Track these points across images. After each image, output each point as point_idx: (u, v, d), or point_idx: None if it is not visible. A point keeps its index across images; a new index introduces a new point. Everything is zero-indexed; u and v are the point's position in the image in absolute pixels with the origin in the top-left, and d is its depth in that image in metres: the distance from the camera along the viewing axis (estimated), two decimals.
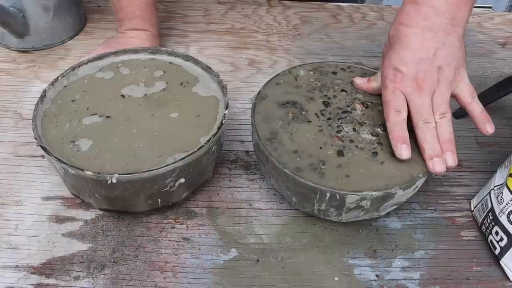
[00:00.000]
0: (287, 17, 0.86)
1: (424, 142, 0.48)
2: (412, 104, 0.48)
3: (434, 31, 0.48)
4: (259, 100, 0.55)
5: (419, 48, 0.48)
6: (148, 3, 0.72)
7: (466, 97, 0.49)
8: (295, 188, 0.48)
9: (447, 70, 0.48)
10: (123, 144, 0.51)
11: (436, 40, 0.48)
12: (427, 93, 0.48)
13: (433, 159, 0.47)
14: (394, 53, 0.50)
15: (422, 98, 0.48)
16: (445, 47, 0.49)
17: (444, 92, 0.48)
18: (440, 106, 0.48)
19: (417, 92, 0.48)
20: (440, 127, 0.48)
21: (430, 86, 0.48)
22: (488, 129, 0.49)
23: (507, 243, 0.48)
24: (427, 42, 0.48)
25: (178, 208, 0.55)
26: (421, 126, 0.48)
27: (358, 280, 0.49)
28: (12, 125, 0.64)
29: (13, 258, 0.50)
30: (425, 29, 0.49)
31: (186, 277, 0.49)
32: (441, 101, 0.48)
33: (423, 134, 0.48)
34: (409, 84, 0.48)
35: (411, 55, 0.49)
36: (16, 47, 0.76)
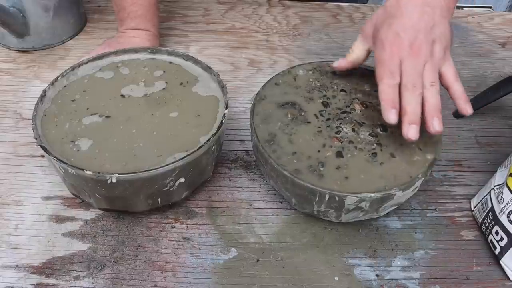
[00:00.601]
0: (287, 17, 0.86)
1: (408, 104, 0.48)
2: (405, 67, 0.49)
3: (432, 8, 0.50)
4: (258, 101, 0.55)
5: (418, 19, 0.50)
6: (151, 3, 0.72)
7: (452, 76, 0.50)
8: (294, 189, 0.48)
9: (439, 46, 0.49)
10: (123, 144, 0.51)
11: (434, 16, 0.50)
12: (421, 60, 0.49)
13: (411, 124, 0.47)
14: (395, 19, 0.51)
15: (415, 63, 0.49)
16: (440, 25, 0.50)
17: (436, 64, 0.49)
18: (431, 75, 0.49)
19: (412, 58, 0.49)
20: (429, 93, 0.48)
21: (424, 56, 0.49)
22: (468, 109, 0.50)
23: (507, 242, 0.48)
24: (426, 16, 0.50)
25: (178, 207, 0.55)
26: (409, 87, 0.48)
27: (358, 279, 0.49)
28: (12, 125, 0.64)
29: (13, 258, 0.50)
30: (425, 5, 0.50)
31: (186, 277, 0.49)
32: (432, 71, 0.49)
33: (409, 96, 0.48)
34: (406, 50, 0.49)
35: (411, 23, 0.50)
36: (16, 47, 0.76)
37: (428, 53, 0.49)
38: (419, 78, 0.48)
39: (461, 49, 0.80)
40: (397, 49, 0.49)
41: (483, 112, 0.67)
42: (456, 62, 0.76)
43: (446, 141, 0.63)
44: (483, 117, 0.67)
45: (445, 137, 0.63)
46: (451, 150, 0.63)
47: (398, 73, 0.49)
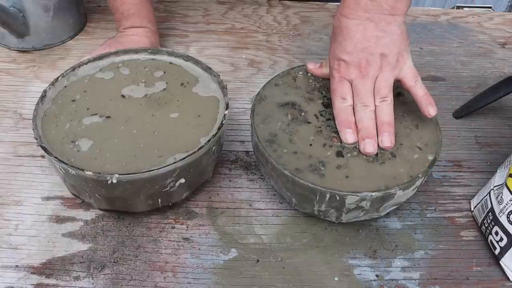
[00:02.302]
0: (287, 17, 0.86)
1: (359, 123, 0.50)
2: (355, 89, 0.51)
3: (375, 21, 0.50)
4: (258, 101, 0.55)
5: (361, 38, 0.50)
6: (142, 0, 0.72)
7: (410, 80, 0.51)
8: (294, 189, 0.48)
9: (390, 56, 0.50)
10: (123, 144, 0.51)
11: (377, 29, 0.50)
12: (370, 79, 0.50)
13: (365, 140, 0.49)
14: (338, 44, 0.52)
15: (363, 84, 0.50)
16: (386, 35, 0.50)
17: (387, 77, 0.50)
18: (381, 90, 0.50)
19: (360, 78, 0.50)
20: (379, 110, 0.50)
21: (373, 73, 0.50)
22: (431, 111, 0.50)
23: (507, 243, 0.48)
24: (368, 32, 0.50)
25: (178, 208, 0.55)
26: (359, 108, 0.50)
27: (358, 280, 0.49)
28: (12, 125, 0.64)
29: (13, 258, 0.50)
30: (366, 20, 0.51)
31: (186, 277, 0.49)
32: (382, 86, 0.50)
33: (359, 115, 0.50)
34: (353, 72, 0.51)
35: (353, 45, 0.51)
36: (16, 47, 0.76)
37: (376, 68, 0.50)
38: (369, 97, 0.50)
39: (461, 49, 0.80)
40: (344, 74, 0.51)
41: (483, 112, 0.67)
42: (456, 62, 0.77)
43: (446, 141, 0.63)
44: (483, 117, 0.67)
45: (445, 137, 0.63)
46: (451, 150, 0.63)
47: (350, 95, 0.51)
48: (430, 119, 0.53)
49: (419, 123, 0.53)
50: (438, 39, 0.82)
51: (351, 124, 0.50)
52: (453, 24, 0.86)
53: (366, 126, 0.50)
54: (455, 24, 0.86)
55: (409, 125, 0.53)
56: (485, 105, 0.66)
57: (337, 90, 0.52)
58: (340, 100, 0.51)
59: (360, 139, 0.50)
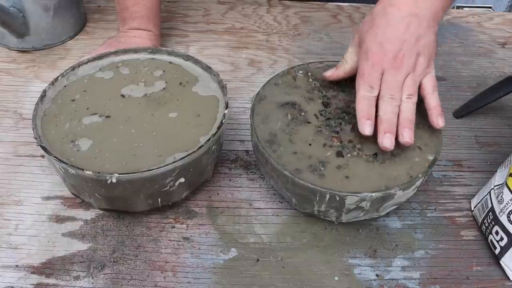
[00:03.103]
0: (287, 17, 0.86)
1: (384, 114, 0.49)
2: (386, 78, 0.50)
3: (419, 19, 0.50)
4: (258, 101, 0.55)
5: (404, 30, 0.50)
6: (154, 4, 0.72)
7: (429, 88, 0.51)
8: (294, 189, 0.48)
9: (423, 58, 0.50)
10: (123, 144, 0.51)
11: (420, 28, 0.50)
12: (403, 73, 0.49)
13: (386, 133, 0.48)
14: (380, 29, 0.51)
15: (396, 76, 0.49)
16: (426, 37, 0.50)
17: (417, 77, 0.50)
18: (410, 88, 0.49)
19: (394, 69, 0.49)
20: (404, 106, 0.49)
21: (406, 68, 0.49)
22: (440, 122, 0.51)
23: (507, 242, 0.48)
24: (411, 29, 0.50)
25: (178, 207, 0.55)
26: (386, 99, 0.49)
27: (358, 279, 0.49)
28: (12, 125, 0.64)
29: (13, 258, 0.50)
30: (411, 15, 0.50)
31: (186, 277, 0.49)
32: (411, 84, 0.50)
33: (385, 106, 0.49)
34: (388, 61, 0.50)
35: (397, 35, 0.50)
36: (16, 47, 0.76)
37: (411, 65, 0.50)
38: (398, 91, 0.49)
39: (461, 49, 0.80)
40: (380, 60, 0.50)
41: (483, 112, 0.67)
42: (456, 62, 0.77)
43: (446, 141, 0.63)
44: (483, 117, 0.67)
45: (445, 137, 0.63)
46: (451, 150, 0.63)
47: (378, 85, 0.50)
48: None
49: (419, 123, 0.53)
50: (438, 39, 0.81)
51: (371, 117, 0.49)
52: (453, 24, 0.86)
53: (389, 119, 0.48)
54: (455, 24, 0.86)
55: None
56: (485, 105, 0.66)
57: (367, 76, 0.50)
58: (367, 88, 0.49)
59: (381, 132, 0.48)
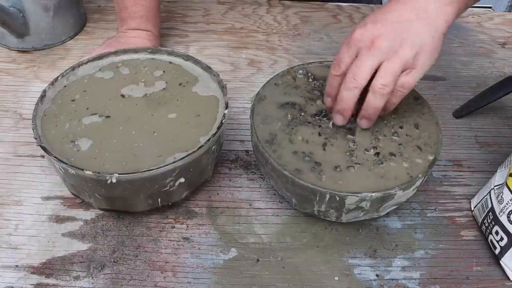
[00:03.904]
0: (287, 17, 0.86)
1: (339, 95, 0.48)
2: (356, 59, 0.47)
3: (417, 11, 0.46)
4: (258, 101, 0.55)
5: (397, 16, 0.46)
6: (153, 4, 0.72)
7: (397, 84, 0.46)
8: (294, 189, 0.48)
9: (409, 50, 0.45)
10: (123, 144, 0.51)
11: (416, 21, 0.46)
12: (377, 56, 0.45)
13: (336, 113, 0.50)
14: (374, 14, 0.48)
15: (368, 57, 0.46)
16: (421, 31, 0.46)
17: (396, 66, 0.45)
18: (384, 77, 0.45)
19: (368, 49, 0.46)
20: (371, 96, 0.47)
21: (383, 52, 0.45)
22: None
23: (507, 242, 0.48)
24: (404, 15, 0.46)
25: (178, 207, 0.55)
26: (347, 79, 0.47)
27: (358, 279, 0.49)
28: (12, 125, 0.64)
29: (13, 258, 0.50)
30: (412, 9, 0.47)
31: (186, 277, 0.49)
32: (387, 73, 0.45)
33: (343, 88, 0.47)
34: (365, 41, 0.46)
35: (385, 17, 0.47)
36: (16, 47, 0.76)
37: (389, 51, 0.45)
38: (363, 73, 0.46)
39: (461, 49, 0.80)
40: (357, 39, 0.47)
41: (483, 112, 0.67)
42: (456, 62, 0.77)
43: (446, 141, 0.63)
44: (483, 117, 0.67)
45: (445, 137, 0.63)
46: (451, 150, 0.63)
47: (346, 64, 0.47)
48: (430, 119, 0.53)
49: (419, 123, 0.53)
50: None
51: (332, 94, 0.50)
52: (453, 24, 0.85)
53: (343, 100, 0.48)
54: (455, 24, 0.86)
55: (409, 125, 0.53)
56: (485, 105, 0.66)
57: (340, 53, 0.48)
58: (335, 67, 0.48)
59: (334, 110, 0.50)
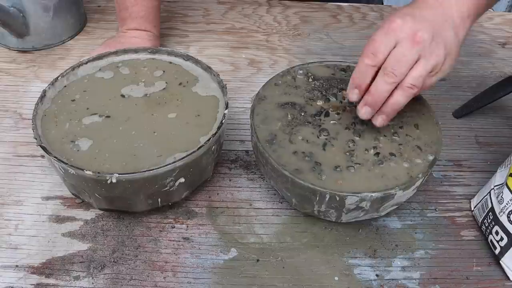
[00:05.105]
0: (287, 17, 0.86)
1: (374, 87, 0.44)
2: (396, 50, 0.43)
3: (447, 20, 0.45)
4: (258, 101, 0.55)
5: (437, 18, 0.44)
6: (154, 5, 0.72)
7: None
8: (294, 189, 0.48)
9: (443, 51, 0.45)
10: (123, 144, 0.51)
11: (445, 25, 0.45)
12: (417, 50, 0.43)
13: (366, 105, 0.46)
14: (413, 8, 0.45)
15: (409, 51, 0.43)
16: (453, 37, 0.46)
17: (429, 66, 0.43)
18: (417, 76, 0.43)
19: (410, 42, 0.43)
20: (399, 92, 0.44)
21: (423, 48, 0.43)
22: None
23: (507, 242, 0.48)
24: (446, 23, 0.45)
25: (178, 207, 0.55)
26: (387, 72, 0.43)
27: (358, 279, 0.49)
28: (12, 125, 0.64)
29: (13, 258, 0.50)
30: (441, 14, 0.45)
31: (186, 277, 0.49)
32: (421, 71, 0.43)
33: (381, 81, 0.44)
34: (406, 32, 0.43)
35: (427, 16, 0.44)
36: (16, 47, 0.76)
37: (428, 48, 0.43)
38: (404, 68, 0.43)
39: (461, 49, 0.80)
40: (397, 29, 0.43)
41: (483, 112, 0.67)
42: (456, 62, 0.77)
43: (446, 141, 0.63)
44: (483, 117, 0.67)
45: (445, 137, 0.63)
46: (451, 150, 0.63)
47: (384, 54, 0.44)
48: (430, 119, 0.53)
49: (419, 123, 0.53)
50: None
51: (362, 86, 0.45)
52: None
53: (378, 94, 0.44)
54: None
55: (409, 125, 0.53)
56: (485, 105, 0.66)
57: (378, 40, 0.43)
58: (370, 55, 0.43)
59: (362, 102, 0.45)
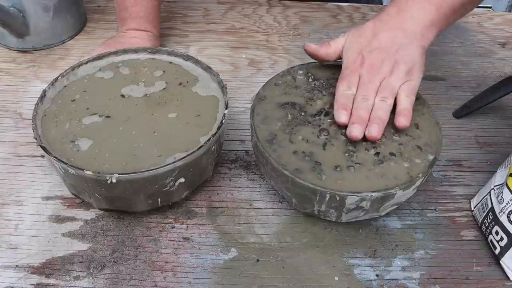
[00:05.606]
0: (287, 17, 0.86)
1: (355, 110, 0.51)
2: (361, 81, 0.53)
3: (404, 31, 0.53)
4: (258, 101, 0.55)
5: (386, 42, 0.53)
6: (153, 5, 0.72)
7: (404, 92, 0.52)
8: (294, 189, 0.48)
9: (402, 66, 0.52)
10: (123, 144, 0.51)
11: (403, 40, 0.53)
12: (378, 77, 0.52)
13: (354, 124, 0.50)
14: (365, 40, 0.54)
15: (371, 79, 0.52)
16: (408, 48, 0.53)
17: (393, 81, 0.52)
18: (384, 91, 0.51)
19: (369, 74, 0.52)
20: (377, 106, 0.51)
21: (382, 73, 0.52)
22: (400, 121, 0.51)
23: (507, 242, 0.48)
24: (396, 39, 0.53)
25: (178, 207, 0.55)
26: (359, 99, 0.51)
27: (358, 279, 0.49)
28: (12, 125, 0.64)
29: (13, 258, 0.50)
30: (398, 29, 0.54)
31: (186, 277, 0.49)
32: (386, 88, 0.52)
33: (357, 104, 0.51)
34: (365, 68, 0.53)
35: (378, 47, 0.53)
36: (16, 47, 0.76)
37: (387, 72, 0.52)
38: (372, 92, 0.52)
39: (461, 49, 0.80)
40: (358, 67, 0.53)
41: (483, 112, 0.67)
42: (456, 62, 0.77)
43: (446, 141, 0.63)
44: (483, 117, 0.67)
45: (445, 137, 0.63)
46: (451, 150, 0.63)
47: (355, 87, 0.53)
48: (430, 119, 0.53)
49: (419, 123, 0.53)
50: (438, 39, 0.82)
51: (347, 108, 0.51)
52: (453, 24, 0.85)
53: (360, 114, 0.50)
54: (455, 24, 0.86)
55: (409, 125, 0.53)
56: (485, 105, 0.66)
57: (346, 79, 0.53)
58: (345, 87, 0.53)
59: (350, 123, 0.50)
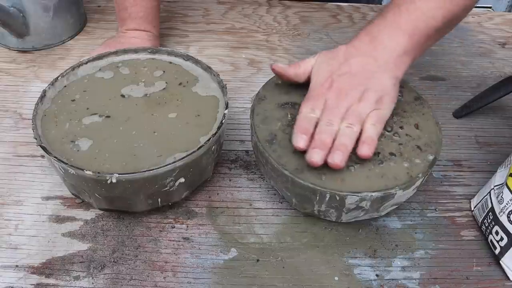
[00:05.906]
0: (287, 17, 0.86)
1: (317, 134, 0.48)
2: (326, 105, 0.50)
3: (377, 63, 0.51)
4: (258, 101, 0.55)
5: (357, 68, 0.51)
6: (153, 5, 0.72)
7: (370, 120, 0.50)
8: (294, 189, 0.48)
9: (372, 93, 0.50)
10: (123, 144, 0.51)
11: (374, 69, 0.51)
12: (345, 103, 0.50)
13: (315, 148, 0.47)
14: (336, 63, 0.52)
15: (338, 104, 0.50)
16: (379, 77, 0.51)
17: (361, 109, 0.50)
18: (350, 117, 0.49)
19: (337, 99, 0.50)
20: (341, 132, 0.49)
21: (350, 100, 0.50)
22: (362, 150, 0.48)
23: (507, 242, 0.48)
24: (367, 67, 0.51)
25: (178, 207, 0.55)
26: (322, 123, 0.49)
27: (358, 279, 0.49)
28: (12, 125, 0.64)
29: (13, 258, 0.50)
30: (370, 57, 0.52)
31: (186, 277, 0.49)
32: (353, 115, 0.49)
33: (320, 128, 0.49)
34: (333, 92, 0.51)
35: (348, 71, 0.51)
36: (16, 47, 0.76)
37: (355, 98, 0.50)
38: (336, 118, 0.49)
39: (461, 49, 0.80)
40: (325, 91, 0.51)
41: (483, 112, 0.67)
42: (456, 62, 0.77)
43: (446, 141, 0.63)
44: (483, 117, 0.67)
45: (445, 137, 0.63)
46: (451, 150, 0.63)
47: (320, 109, 0.50)
48: (430, 119, 0.53)
49: (419, 123, 0.53)
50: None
51: (308, 132, 0.49)
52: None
53: (323, 139, 0.48)
54: None
55: (409, 125, 0.53)
56: (485, 105, 0.66)
57: (311, 101, 0.51)
58: (309, 110, 0.50)
59: (310, 148, 0.47)
